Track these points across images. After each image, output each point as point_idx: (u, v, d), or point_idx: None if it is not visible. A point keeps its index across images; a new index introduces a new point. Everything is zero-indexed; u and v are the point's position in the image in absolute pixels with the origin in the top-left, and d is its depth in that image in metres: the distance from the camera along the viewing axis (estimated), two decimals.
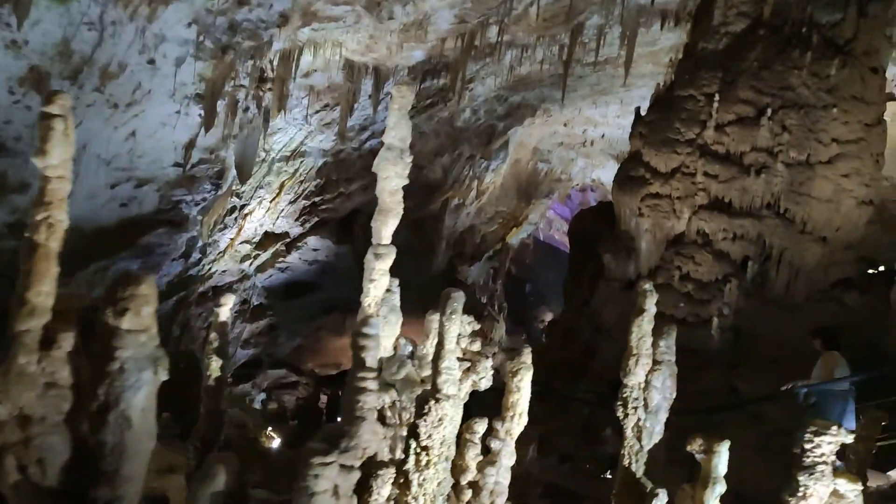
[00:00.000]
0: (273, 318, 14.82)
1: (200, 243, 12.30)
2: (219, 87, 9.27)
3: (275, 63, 9.74)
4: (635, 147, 9.88)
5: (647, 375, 2.78)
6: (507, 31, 10.29)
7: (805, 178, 8.75)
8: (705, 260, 9.11)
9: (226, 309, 3.12)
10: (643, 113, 10.15)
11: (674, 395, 2.79)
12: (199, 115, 9.58)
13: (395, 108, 2.80)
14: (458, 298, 2.64)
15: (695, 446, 2.48)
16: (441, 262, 16.57)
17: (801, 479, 2.10)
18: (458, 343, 2.81)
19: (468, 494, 2.78)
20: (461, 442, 2.76)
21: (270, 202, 13.02)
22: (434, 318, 2.73)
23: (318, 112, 11.81)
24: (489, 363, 2.83)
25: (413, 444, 2.45)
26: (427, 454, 2.41)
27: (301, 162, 12.79)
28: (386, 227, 2.78)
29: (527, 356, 2.75)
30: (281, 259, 14.10)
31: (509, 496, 5.25)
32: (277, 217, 13.46)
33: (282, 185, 12.91)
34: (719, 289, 8.97)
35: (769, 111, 8.79)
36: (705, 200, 9.14)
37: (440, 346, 2.59)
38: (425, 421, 2.44)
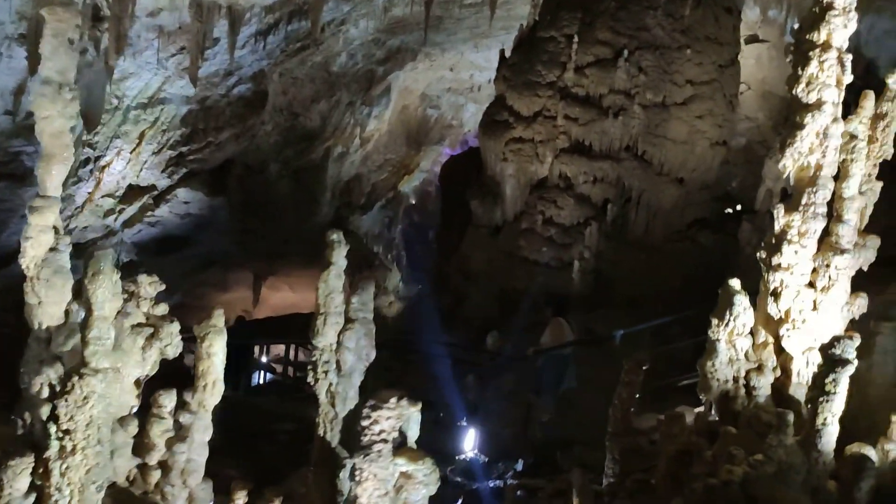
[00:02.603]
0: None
1: None
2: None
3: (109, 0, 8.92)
4: (499, 90, 9.66)
5: (338, 336, 2.55)
6: None
7: (661, 119, 8.76)
8: (567, 204, 9.08)
9: None
10: (508, 55, 9.90)
11: (372, 357, 2.58)
12: (26, 57, 8.72)
13: (50, 34, 2.41)
14: (103, 257, 2.33)
15: None
16: (327, 213, 16.09)
17: (357, 461, 1.92)
18: (137, 307, 2.54)
19: (156, 476, 2.53)
20: (148, 418, 2.51)
21: (131, 153, 12.19)
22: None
23: (173, 56, 10.99)
24: (175, 328, 2.56)
25: (53, 428, 2.15)
26: (71, 438, 2.12)
27: (161, 109, 11.97)
28: (50, 177, 2.42)
29: (218, 318, 2.49)
30: (150, 213, 13.33)
31: None
32: (141, 169, 12.64)
33: (142, 135, 12.09)
34: (580, 232, 8.98)
35: (626, 53, 8.70)
36: (566, 144, 9.04)
37: (88, 313, 2.28)
38: (66, 401, 2.13)
